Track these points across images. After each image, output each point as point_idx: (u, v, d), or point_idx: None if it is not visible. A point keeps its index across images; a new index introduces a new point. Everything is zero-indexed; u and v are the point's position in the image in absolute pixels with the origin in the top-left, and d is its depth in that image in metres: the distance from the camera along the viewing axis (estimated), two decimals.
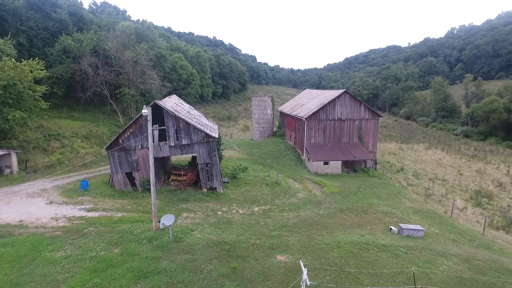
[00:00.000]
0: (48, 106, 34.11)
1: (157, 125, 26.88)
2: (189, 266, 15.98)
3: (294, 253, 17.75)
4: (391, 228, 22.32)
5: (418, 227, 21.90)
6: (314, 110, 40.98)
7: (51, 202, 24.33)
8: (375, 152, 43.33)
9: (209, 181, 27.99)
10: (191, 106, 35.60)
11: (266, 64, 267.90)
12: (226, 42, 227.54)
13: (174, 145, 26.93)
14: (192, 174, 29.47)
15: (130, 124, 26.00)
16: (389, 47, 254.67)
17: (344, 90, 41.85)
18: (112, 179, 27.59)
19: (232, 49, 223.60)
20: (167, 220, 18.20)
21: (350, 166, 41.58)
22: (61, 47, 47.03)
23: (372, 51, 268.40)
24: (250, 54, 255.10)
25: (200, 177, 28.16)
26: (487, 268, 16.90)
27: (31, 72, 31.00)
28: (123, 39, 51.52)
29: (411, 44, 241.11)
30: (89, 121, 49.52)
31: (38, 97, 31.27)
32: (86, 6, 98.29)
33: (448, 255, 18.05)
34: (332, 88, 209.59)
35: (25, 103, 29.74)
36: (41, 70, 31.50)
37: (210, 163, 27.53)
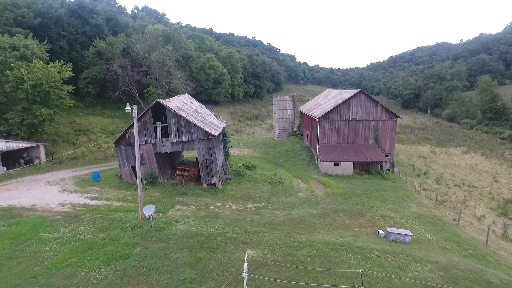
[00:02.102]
0: (72, 104, 37.53)
1: (160, 122, 28.67)
2: (159, 254, 17.09)
3: (264, 248, 18.13)
4: (378, 232, 21.69)
5: (407, 232, 21.04)
6: (327, 110, 40.42)
7: (63, 190, 27.04)
8: (393, 154, 41.58)
9: (208, 177, 29.09)
10: (201, 105, 37.02)
11: (305, 63, 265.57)
12: (265, 42, 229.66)
13: (175, 141, 28.40)
14: (195, 170, 30.79)
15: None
16: (438, 45, 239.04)
17: (360, 89, 40.70)
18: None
19: (271, 49, 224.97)
20: (148, 210, 19.49)
21: (364, 168, 40.37)
22: (95, 50, 51.25)
23: (419, 49, 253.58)
24: (289, 54, 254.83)
25: (200, 173, 29.37)
26: (463, 278, 15.91)
27: (60, 73, 34.46)
28: (151, 41, 54.70)
29: (464, 41, 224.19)
30: (119, 118, 53.31)
31: (64, 95, 34.63)
32: (129, 10, 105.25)
33: (424, 261, 17.24)
34: (373, 88, 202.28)
35: (52, 101, 33.18)
36: (66, 71, 34.87)
37: (209, 160, 28.60)
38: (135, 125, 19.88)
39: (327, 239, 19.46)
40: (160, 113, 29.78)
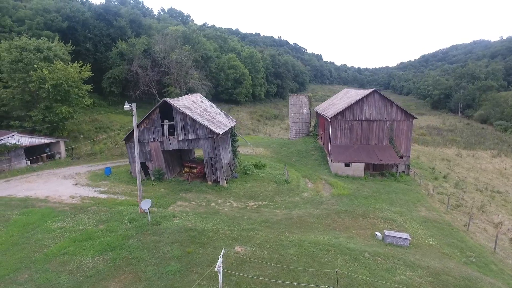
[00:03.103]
0: (91, 102, 39.59)
1: (168, 120, 29.57)
2: (151, 246, 17.76)
3: (253, 246, 18.29)
4: (376, 234, 21.18)
5: (405, 235, 20.38)
6: (340, 110, 39.76)
7: (76, 184, 28.64)
8: (408, 156, 40.13)
9: (213, 174, 29.64)
10: (212, 104, 37.68)
11: (332, 63, 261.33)
12: (291, 42, 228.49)
13: (181, 139, 29.21)
14: (201, 167, 31.45)
15: (144, 119, 29.01)
16: (474, 42, 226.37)
17: (373, 89, 39.67)
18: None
19: (296, 49, 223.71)
20: (145, 204, 20.28)
21: (378, 169, 39.34)
22: (117, 51, 53.57)
23: (453, 47, 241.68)
24: (315, 53, 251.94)
25: (205, 171, 29.99)
26: (454, 285, 15.22)
27: (80, 73, 36.49)
28: (171, 42, 56.33)
29: (504, 38, 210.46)
30: (139, 116, 55.19)
31: (82, 94, 36.63)
32: (156, 12, 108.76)
33: (415, 266, 16.66)
34: (402, 88, 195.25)
35: (72, 99, 35.24)
36: (85, 72, 36.92)
37: (214, 158, 29.14)
38: (134, 123, 20.75)
39: (319, 239, 19.30)
40: (169, 111, 30.69)
